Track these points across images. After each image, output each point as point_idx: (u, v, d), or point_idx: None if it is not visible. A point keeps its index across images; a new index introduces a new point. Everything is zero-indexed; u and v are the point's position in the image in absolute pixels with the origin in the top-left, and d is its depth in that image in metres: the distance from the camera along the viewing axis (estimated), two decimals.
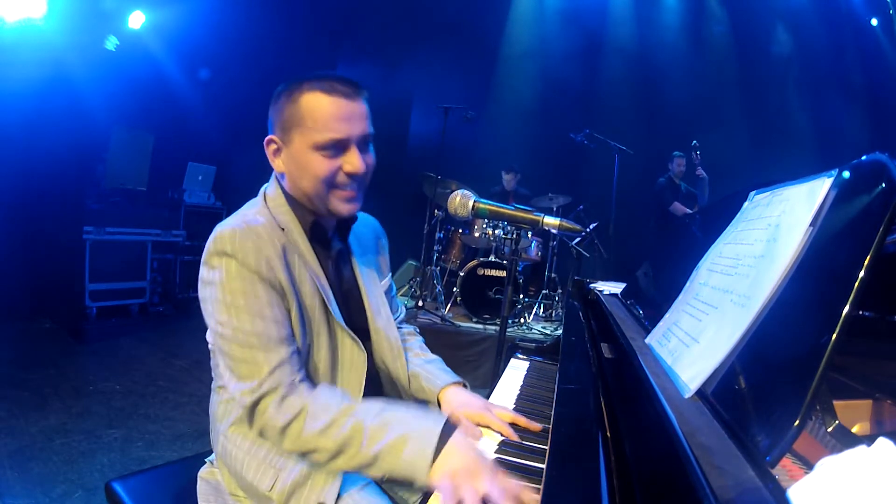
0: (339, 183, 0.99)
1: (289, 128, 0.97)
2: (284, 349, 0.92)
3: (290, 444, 0.89)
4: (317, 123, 0.94)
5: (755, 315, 0.63)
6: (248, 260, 0.92)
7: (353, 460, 0.86)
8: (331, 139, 0.95)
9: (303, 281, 1.00)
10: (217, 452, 1.07)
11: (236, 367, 0.91)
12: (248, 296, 0.91)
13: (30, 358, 3.36)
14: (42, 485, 2.01)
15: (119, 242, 4.43)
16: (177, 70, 4.98)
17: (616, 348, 1.03)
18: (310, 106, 0.95)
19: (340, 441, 0.86)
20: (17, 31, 3.73)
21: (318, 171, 0.96)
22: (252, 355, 0.90)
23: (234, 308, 0.91)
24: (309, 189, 0.99)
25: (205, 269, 0.96)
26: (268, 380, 0.89)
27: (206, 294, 0.96)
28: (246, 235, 0.93)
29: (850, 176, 0.64)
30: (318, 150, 0.95)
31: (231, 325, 0.91)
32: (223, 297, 0.92)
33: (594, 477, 0.60)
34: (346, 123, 0.96)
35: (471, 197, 1.36)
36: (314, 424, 0.87)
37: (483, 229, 4.40)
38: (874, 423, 0.74)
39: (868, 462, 0.35)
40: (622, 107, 6.47)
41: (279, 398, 0.89)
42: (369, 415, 0.88)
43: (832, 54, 6.32)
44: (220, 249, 0.93)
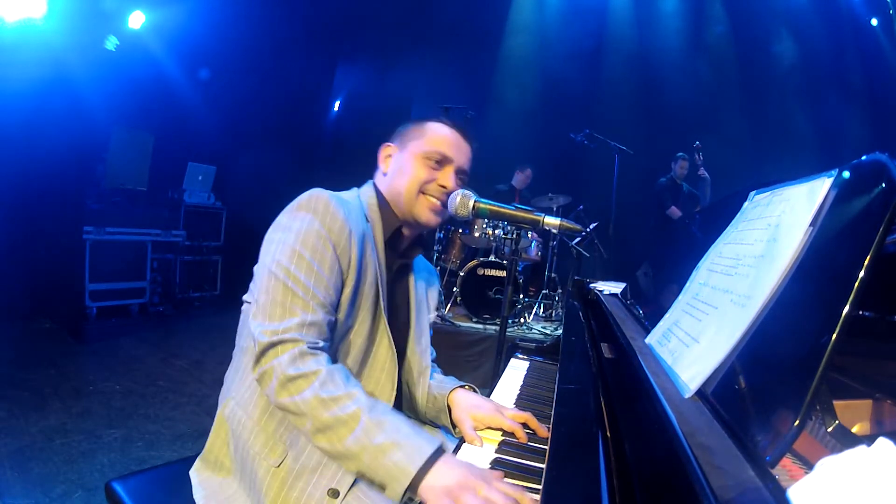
0: (431, 191, 1.12)
1: (407, 140, 1.15)
2: (322, 313, 0.94)
3: (286, 396, 0.87)
4: (432, 141, 1.13)
5: (755, 315, 0.63)
6: (333, 225, 0.99)
7: (337, 444, 0.84)
8: (439, 152, 1.12)
9: (368, 268, 1.05)
10: (222, 415, 1.04)
11: (271, 306, 0.92)
12: (315, 252, 0.96)
13: (30, 358, 3.36)
14: (42, 485, 2.01)
15: (119, 242, 4.42)
16: (177, 70, 4.98)
17: (616, 348, 1.03)
18: (433, 130, 1.15)
19: (334, 419, 0.84)
20: (17, 31, 3.73)
21: (417, 173, 1.11)
22: (292, 302, 0.92)
23: (299, 256, 0.95)
24: (403, 188, 1.11)
25: (287, 215, 1.01)
26: (294, 329, 0.90)
27: (275, 236, 0.99)
28: (339, 204, 1.01)
29: (850, 176, 0.64)
30: (424, 158, 1.12)
31: (287, 268, 0.94)
32: (294, 243, 0.96)
33: (594, 477, 0.60)
34: (455, 150, 1.15)
35: (471, 197, 1.35)
36: (320, 390, 0.86)
37: (483, 229, 4.40)
38: (874, 423, 0.73)
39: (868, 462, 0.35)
40: (622, 107, 6.47)
41: (298, 350, 0.89)
42: (373, 410, 0.87)
43: (832, 54, 6.32)
44: (310, 205, 1.00)
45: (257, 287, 0.98)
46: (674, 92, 6.44)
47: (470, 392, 1.15)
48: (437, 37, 6.17)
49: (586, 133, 5.07)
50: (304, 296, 0.93)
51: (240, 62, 5.26)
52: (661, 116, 6.35)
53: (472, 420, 1.03)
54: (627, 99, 6.54)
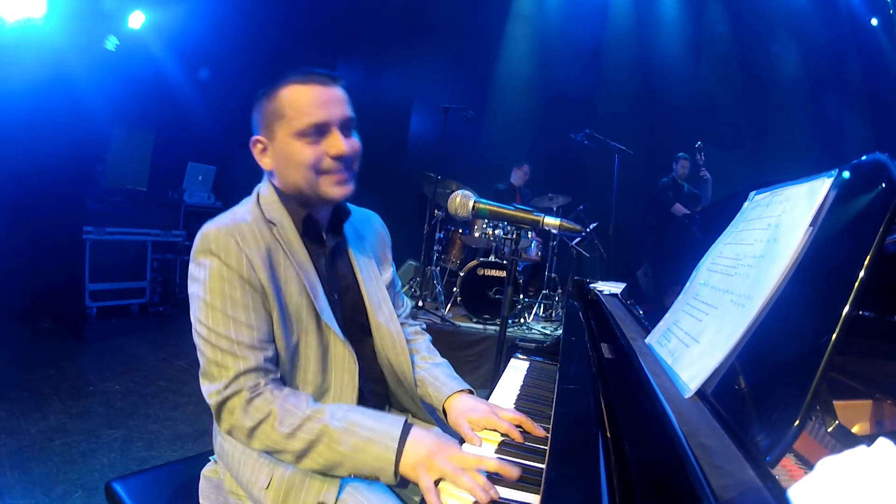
0: (327, 168, 0.99)
1: (271, 123, 1.00)
2: (253, 355, 0.93)
3: (258, 444, 0.91)
4: (296, 112, 0.96)
5: (755, 315, 0.63)
6: (230, 260, 0.93)
7: (319, 461, 0.89)
8: (311, 123, 0.96)
9: (288, 281, 1.00)
10: (216, 451, 1.08)
11: (208, 367, 0.94)
12: (224, 297, 0.93)
13: (30, 358, 3.36)
14: (42, 485, 2.01)
15: (119, 242, 4.42)
16: (177, 70, 4.97)
17: (616, 348, 1.03)
18: (288, 98, 0.97)
19: (307, 444, 0.89)
20: (17, 31, 3.73)
21: (303, 158, 0.97)
22: (221, 358, 0.92)
23: (212, 308, 0.93)
24: (298, 179, 0.99)
25: (192, 265, 0.97)
26: (232, 384, 0.91)
27: (192, 290, 0.97)
28: (230, 234, 0.95)
29: (850, 176, 0.64)
30: (300, 137, 0.97)
31: (207, 326, 0.93)
32: (204, 295, 0.94)
33: (594, 477, 0.60)
34: (325, 108, 0.98)
35: (471, 197, 1.36)
36: (281, 428, 0.89)
37: (483, 229, 4.40)
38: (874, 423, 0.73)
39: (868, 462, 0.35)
40: (622, 107, 6.47)
41: (245, 402, 0.90)
42: (334, 418, 0.90)
43: (832, 54, 6.32)
44: (204, 247, 0.95)
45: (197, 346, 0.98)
46: (674, 92, 6.44)
47: (466, 396, 1.13)
48: (437, 37, 6.17)
49: (586, 133, 5.07)
50: (230, 348, 0.92)
51: (240, 62, 5.26)
52: (661, 116, 6.35)
53: (467, 423, 1.03)
54: (627, 99, 6.54)
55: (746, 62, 6.47)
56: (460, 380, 1.19)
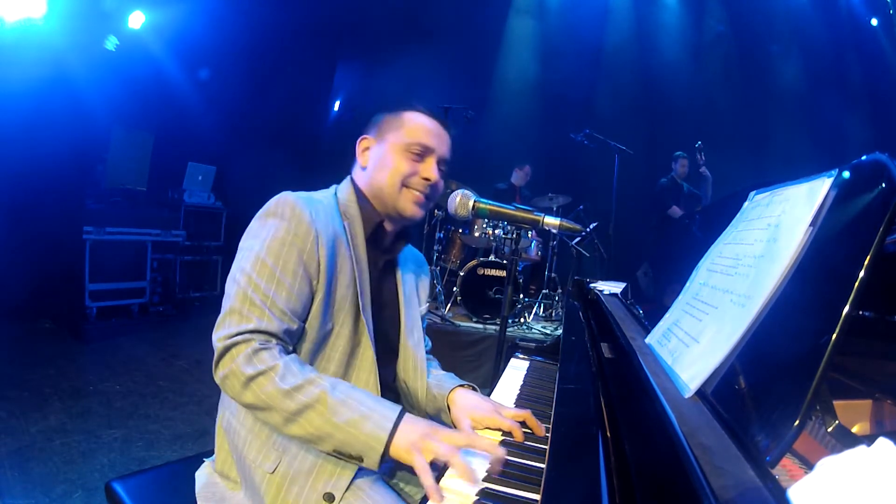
0: (413, 184, 1.10)
1: (385, 131, 1.12)
2: (279, 321, 0.93)
3: (251, 396, 0.88)
4: (413, 131, 1.10)
5: (755, 315, 0.63)
6: (299, 230, 0.97)
7: (308, 428, 0.87)
8: (420, 143, 1.09)
9: (343, 271, 1.03)
10: (220, 427, 1.05)
11: (229, 314, 0.92)
12: (279, 259, 0.95)
13: (30, 358, 3.36)
14: (42, 485, 2.01)
15: (119, 242, 4.42)
16: (177, 70, 4.98)
17: (616, 348, 1.03)
18: (411, 119, 1.11)
19: (301, 406, 0.87)
20: (17, 31, 3.73)
21: (399, 167, 1.08)
22: (249, 310, 0.92)
23: (261, 264, 0.94)
24: (385, 182, 1.09)
25: (256, 222, 1.01)
26: (247, 334, 0.90)
27: (244, 244, 0.99)
28: (307, 206, 0.99)
29: (850, 176, 0.64)
30: (405, 151, 1.09)
31: (249, 275, 0.94)
32: (259, 250, 0.95)
33: (594, 477, 0.60)
34: (436, 140, 1.12)
35: (471, 197, 1.36)
36: (280, 384, 0.87)
37: (483, 229, 4.40)
38: (874, 423, 0.73)
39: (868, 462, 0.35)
40: (622, 107, 6.47)
41: (251, 350, 0.89)
42: (336, 389, 0.89)
43: (832, 54, 6.32)
44: (277, 211, 0.98)
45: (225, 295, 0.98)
46: (674, 92, 6.45)
47: (469, 391, 1.14)
48: (437, 37, 6.17)
49: (586, 133, 5.07)
50: (262, 304, 0.92)
51: (240, 62, 5.27)
52: (661, 116, 6.35)
53: (470, 420, 1.04)
54: (627, 99, 6.54)
55: (746, 62, 6.47)
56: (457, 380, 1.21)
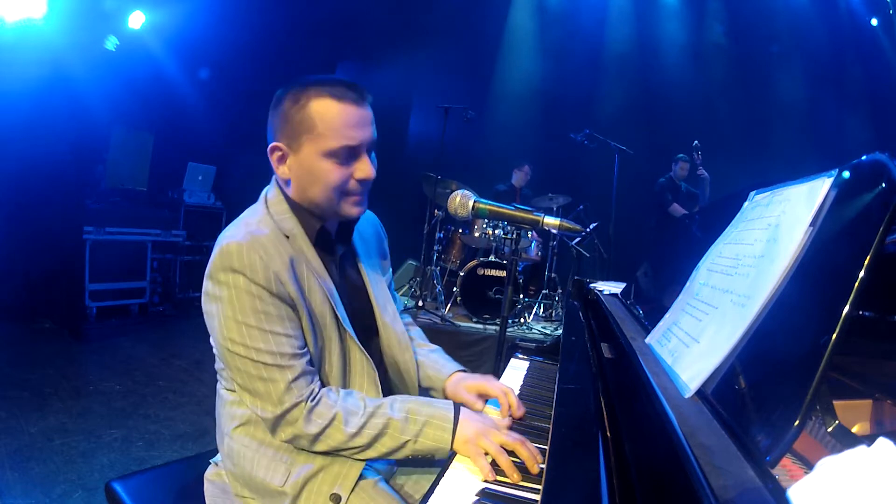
0: (350, 189, 0.99)
1: (297, 134, 0.96)
2: (298, 363, 0.94)
3: (322, 447, 0.95)
4: (329, 130, 0.93)
5: (755, 315, 0.63)
6: (257, 276, 0.91)
7: (382, 450, 0.95)
8: (344, 146, 0.94)
9: (312, 290, 0.99)
10: (223, 453, 1.06)
11: (252, 384, 0.93)
12: (258, 313, 0.91)
13: (30, 358, 3.36)
14: (42, 485, 2.01)
15: (119, 242, 4.42)
16: (177, 70, 4.98)
17: (616, 348, 1.03)
18: (320, 112, 0.94)
19: (371, 439, 0.94)
20: (17, 31, 3.73)
21: (330, 179, 0.96)
22: (268, 373, 0.91)
23: (246, 327, 0.91)
24: (319, 197, 0.98)
25: (210, 283, 0.94)
26: (287, 395, 0.91)
27: (211, 309, 0.95)
28: (253, 249, 0.92)
29: (850, 176, 0.64)
30: (329, 157, 0.95)
31: (243, 344, 0.91)
32: (233, 314, 0.91)
33: (594, 477, 0.60)
34: (358, 130, 0.95)
35: (471, 197, 1.36)
36: (347, 429, 0.93)
37: (483, 229, 4.40)
38: (874, 423, 0.73)
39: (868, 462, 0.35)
40: (622, 107, 6.47)
41: (307, 411, 0.92)
42: (393, 409, 0.96)
43: (832, 54, 6.32)
44: (227, 265, 0.91)
45: (227, 366, 0.97)
46: (674, 92, 6.44)
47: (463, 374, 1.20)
48: (436, 37, 6.17)
49: (586, 133, 5.07)
50: (275, 362, 0.91)
51: (240, 62, 5.26)
52: (660, 116, 6.34)
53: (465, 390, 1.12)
54: (627, 99, 6.53)
55: (746, 62, 6.46)
56: (454, 361, 1.26)
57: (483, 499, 0.78)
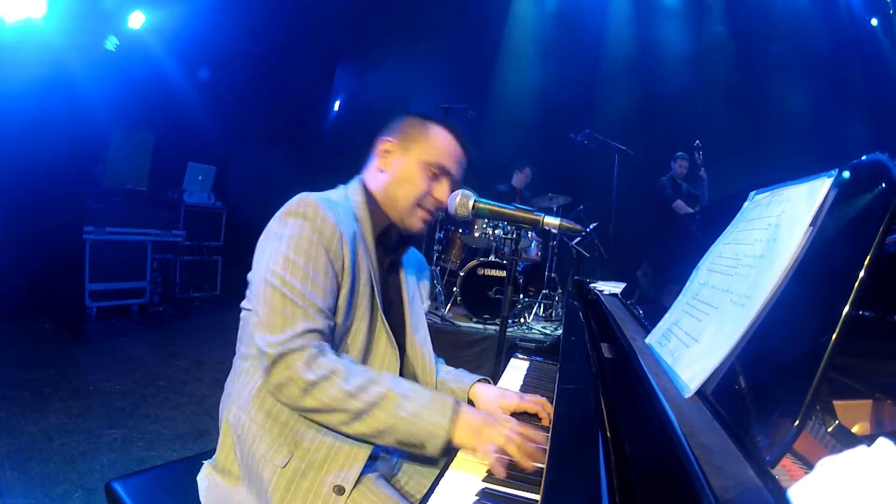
0: (426, 203, 1.14)
1: (410, 140, 1.14)
2: (322, 318, 0.96)
3: (311, 400, 0.90)
4: (437, 150, 1.13)
5: (755, 315, 0.63)
6: (324, 229, 0.98)
7: (373, 424, 0.91)
8: (440, 164, 1.13)
9: (361, 268, 1.06)
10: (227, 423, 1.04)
11: (271, 317, 0.93)
12: (309, 258, 0.96)
13: (30, 358, 3.36)
14: (42, 485, 2.01)
15: (119, 242, 4.42)
16: (177, 70, 4.98)
17: (616, 348, 1.03)
18: (438, 136, 1.14)
19: (367, 405, 0.90)
20: (17, 31, 3.73)
21: (418, 184, 1.12)
22: (291, 310, 0.93)
23: (293, 264, 0.95)
24: (401, 197, 1.12)
25: (276, 222, 1.01)
26: (298, 338, 0.91)
27: (267, 245, 0.99)
28: (328, 208, 1.01)
29: (850, 176, 0.64)
30: (426, 167, 1.12)
31: (282, 277, 0.94)
32: (286, 250, 0.96)
33: (594, 477, 0.60)
34: (456, 163, 1.16)
35: (471, 197, 1.36)
36: (345, 385, 0.90)
37: (483, 229, 4.39)
38: (874, 423, 0.73)
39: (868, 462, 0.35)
40: (622, 107, 6.47)
41: (310, 356, 0.91)
42: (398, 385, 0.95)
43: (832, 54, 6.32)
44: (300, 211, 0.99)
45: (255, 297, 0.99)
46: (674, 91, 6.44)
47: (489, 385, 1.22)
48: (437, 36, 6.17)
49: (586, 133, 5.07)
50: (303, 304, 0.93)
51: (240, 62, 5.26)
52: (661, 116, 6.35)
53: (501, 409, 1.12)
54: (627, 99, 6.54)
55: (746, 62, 6.46)
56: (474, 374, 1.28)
57: (483, 499, 0.78)
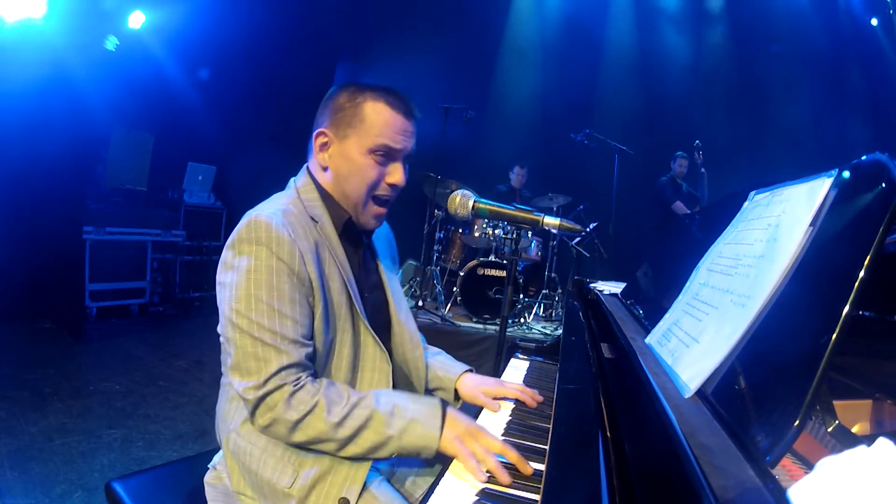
0: (379, 193, 1.05)
1: (345, 126, 1.02)
2: (296, 351, 0.92)
3: (300, 436, 0.90)
4: (377, 129, 1.00)
5: (755, 315, 0.63)
6: (282, 251, 0.92)
7: (365, 445, 0.91)
8: (385, 146, 1.01)
9: (332, 277, 1.01)
10: (227, 450, 1.03)
11: (244, 360, 0.90)
12: (272, 290, 0.91)
13: (30, 358, 3.35)
14: (42, 485, 2.01)
15: (119, 242, 4.42)
16: (177, 70, 4.97)
17: (616, 348, 1.03)
18: (372, 112, 1.01)
19: (354, 431, 0.90)
20: (17, 31, 3.73)
21: (367, 174, 1.02)
22: (263, 352, 0.90)
23: (255, 300, 0.90)
24: (351, 191, 1.04)
25: (230, 252, 0.95)
26: (273, 378, 0.89)
27: (226, 279, 0.94)
28: (282, 225, 0.94)
29: (850, 176, 0.64)
30: (371, 154, 1.01)
31: (248, 317, 0.90)
32: (247, 285, 0.91)
33: (594, 477, 0.60)
34: (402, 137, 1.03)
35: (471, 197, 1.36)
36: (329, 418, 0.89)
37: (483, 229, 4.40)
38: (874, 423, 0.73)
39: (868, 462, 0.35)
40: (622, 107, 6.47)
41: (288, 395, 0.89)
42: (379, 402, 0.93)
43: (832, 54, 6.32)
44: (253, 236, 0.92)
45: (224, 338, 0.96)
46: (674, 92, 6.44)
47: (472, 374, 1.24)
48: (436, 36, 6.17)
49: (586, 133, 5.07)
50: (273, 342, 0.90)
51: (240, 62, 5.26)
52: (661, 116, 6.34)
53: (483, 394, 1.14)
54: (627, 98, 6.53)
55: (746, 62, 6.46)
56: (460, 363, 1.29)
57: (483, 499, 0.78)
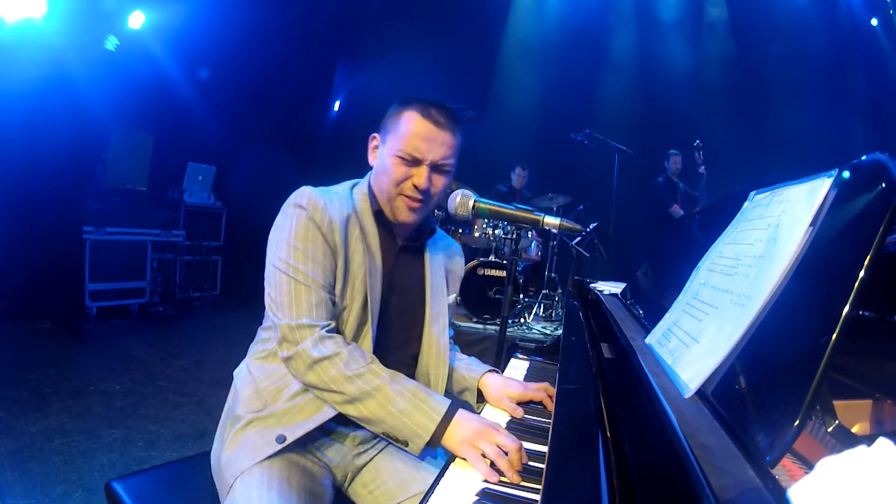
0: (406, 190, 1.14)
1: (387, 132, 1.16)
2: (322, 292, 1.07)
3: (314, 377, 1.00)
4: (404, 137, 1.12)
5: (755, 315, 0.63)
6: (316, 214, 1.09)
7: (363, 412, 0.99)
8: (408, 154, 1.11)
9: (356, 251, 1.13)
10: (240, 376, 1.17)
11: (281, 297, 1.05)
12: (307, 242, 1.07)
13: (30, 358, 3.35)
14: (42, 485, 2.01)
15: (119, 242, 4.42)
16: (177, 70, 4.97)
17: (616, 348, 1.03)
18: (407, 122, 1.13)
19: (361, 392, 0.98)
20: (17, 31, 3.73)
21: (393, 173, 1.13)
22: (296, 289, 1.05)
23: (294, 248, 1.07)
24: (382, 187, 1.16)
25: (280, 215, 1.12)
26: (306, 313, 1.03)
27: (275, 236, 1.11)
28: (320, 196, 1.11)
29: (850, 176, 0.64)
30: (398, 158, 1.12)
31: (286, 262, 1.07)
32: (288, 238, 1.08)
33: (594, 477, 0.60)
34: (427, 146, 1.12)
35: (471, 196, 1.36)
36: (345, 369, 0.99)
37: (483, 229, 4.40)
38: (874, 423, 0.73)
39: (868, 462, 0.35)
40: (622, 107, 6.47)
41: (318, 335, 1.02)
42: (394, 382, 1.00)
43: (832, 54, 6.32)
44: (296, 202, 1.10)
45: (268, 282, 1.11)
46: (674, 92, 6.45)
47: (496, 374, 1.25)
48: (437, 36, 6.17)
49: (586, 133, 5.08)
50: (306, 282, 1.05)
51: (240, 62, 5.26)
52: (661, 116, 6.35)
53: (508, 398, 1.15)
54: (628, 99, 6.54)
55: (746, 62, 6.47)
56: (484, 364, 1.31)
57: (483, 499, 0.78)
